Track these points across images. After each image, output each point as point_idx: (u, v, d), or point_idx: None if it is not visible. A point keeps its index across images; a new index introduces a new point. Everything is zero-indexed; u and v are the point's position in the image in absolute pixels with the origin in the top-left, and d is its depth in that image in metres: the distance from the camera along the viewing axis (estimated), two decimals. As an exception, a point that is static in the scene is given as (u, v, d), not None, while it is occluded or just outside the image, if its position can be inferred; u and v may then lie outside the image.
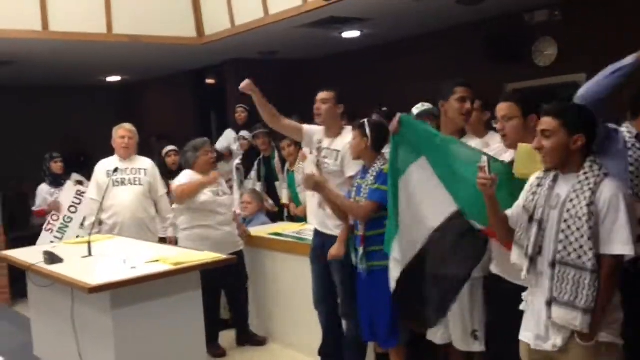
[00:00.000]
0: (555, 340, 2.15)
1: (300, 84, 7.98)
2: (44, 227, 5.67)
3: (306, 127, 3.75)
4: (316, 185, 3.31)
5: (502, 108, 2.60)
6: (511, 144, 2.58)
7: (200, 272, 3.47)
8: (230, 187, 5.32)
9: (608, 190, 2.10)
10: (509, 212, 2.35)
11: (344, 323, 3.68)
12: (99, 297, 3.09)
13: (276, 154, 5.73)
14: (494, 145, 2.94)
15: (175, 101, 10.04)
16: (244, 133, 6.33)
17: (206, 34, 6.99)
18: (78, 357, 3.36)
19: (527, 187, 2.31)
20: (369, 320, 3.26)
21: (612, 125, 2.48)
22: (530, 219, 2.21)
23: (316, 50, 7.87)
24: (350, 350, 3.63)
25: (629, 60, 2.45)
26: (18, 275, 5.49)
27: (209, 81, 9.65)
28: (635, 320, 2.25)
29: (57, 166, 6.00)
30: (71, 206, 5.67)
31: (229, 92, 8.32)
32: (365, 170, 3.29)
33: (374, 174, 3.20)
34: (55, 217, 5.66)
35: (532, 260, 2.21)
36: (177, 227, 4.50)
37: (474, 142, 3.00)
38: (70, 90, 9.78)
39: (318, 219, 3.72)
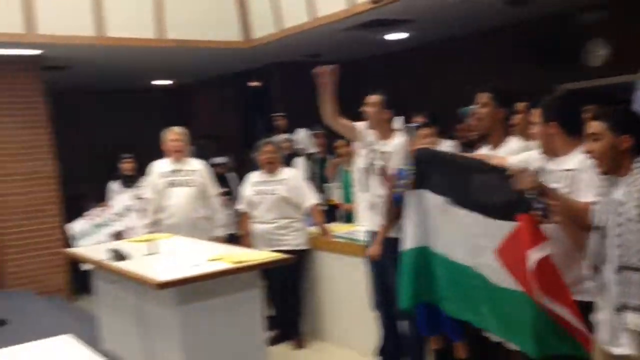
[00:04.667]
0: (628, 346, 2.12)
1: (344, 86, 8.04)
2: (85, 213, 5.90)
3: (360, 126, 3.84)
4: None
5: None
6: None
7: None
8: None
9: None
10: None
11: (402, 323, 3.72)
12: (165, 293, 3.22)
13: (332, 156, 5.88)
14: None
15: (221, 103, 10.23)
16: (286, 136, 6.56)
17: (254, 37, 7.13)
18: (145, 352, 3.50)
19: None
20: (428, 315, 3.30)
21: None
22: (594, 228, 2.21)
23: (359, 52, 7.94)
24: (411, 350, 3.67)
25: None
26: (78, 272, 5.75)
27: (252, 84, 9.83)
28: None
29: (127, 166, 6.23)
30: (117, 214, 5.88)
31: (274, 95, 8.46)
32: None
33: None
34: (100, 212, 5.89)
35: (596, 270, 2.21)
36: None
37: (516, 144, 2.97)
38: (119, 94, 10.07)
39: (370, 219, 3.80)
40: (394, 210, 3.46)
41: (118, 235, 5.56)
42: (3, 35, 5.63)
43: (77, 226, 5.81)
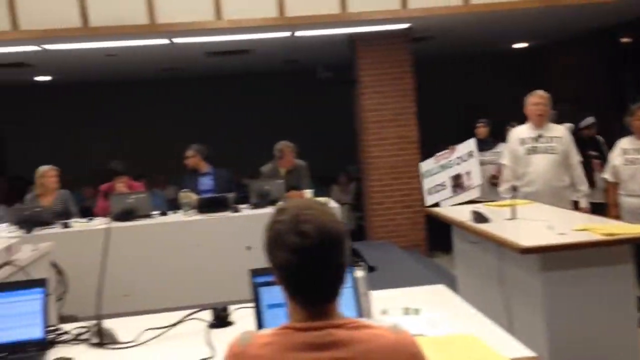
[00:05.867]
0: None
1: None
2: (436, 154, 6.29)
3: None
4: None
5: None
6: None
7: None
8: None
9: None
10: None
11: None
12: (528, 259, 3.20)
13: None
14: None
15: (584, 63, 9.51)
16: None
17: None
18: (504, 312, 3.57)
19: None
20: None
21: None
22: None
23: None
24: None
25: None
26: (436, 230, 6.18)
27: (624, 40, 8.84)
28: None
29: (481, 131, 6.46)
30: (459, 157, 6.06)
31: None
32: None
33: None
34: (447, 154, 6.18)
35: None
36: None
37: None
38: (477, 60, 10.24)
39: None
40: None
41: (457, 178, 5.64)
42: (381, 12, 6.29)
43: (426, 165, 6.18)
